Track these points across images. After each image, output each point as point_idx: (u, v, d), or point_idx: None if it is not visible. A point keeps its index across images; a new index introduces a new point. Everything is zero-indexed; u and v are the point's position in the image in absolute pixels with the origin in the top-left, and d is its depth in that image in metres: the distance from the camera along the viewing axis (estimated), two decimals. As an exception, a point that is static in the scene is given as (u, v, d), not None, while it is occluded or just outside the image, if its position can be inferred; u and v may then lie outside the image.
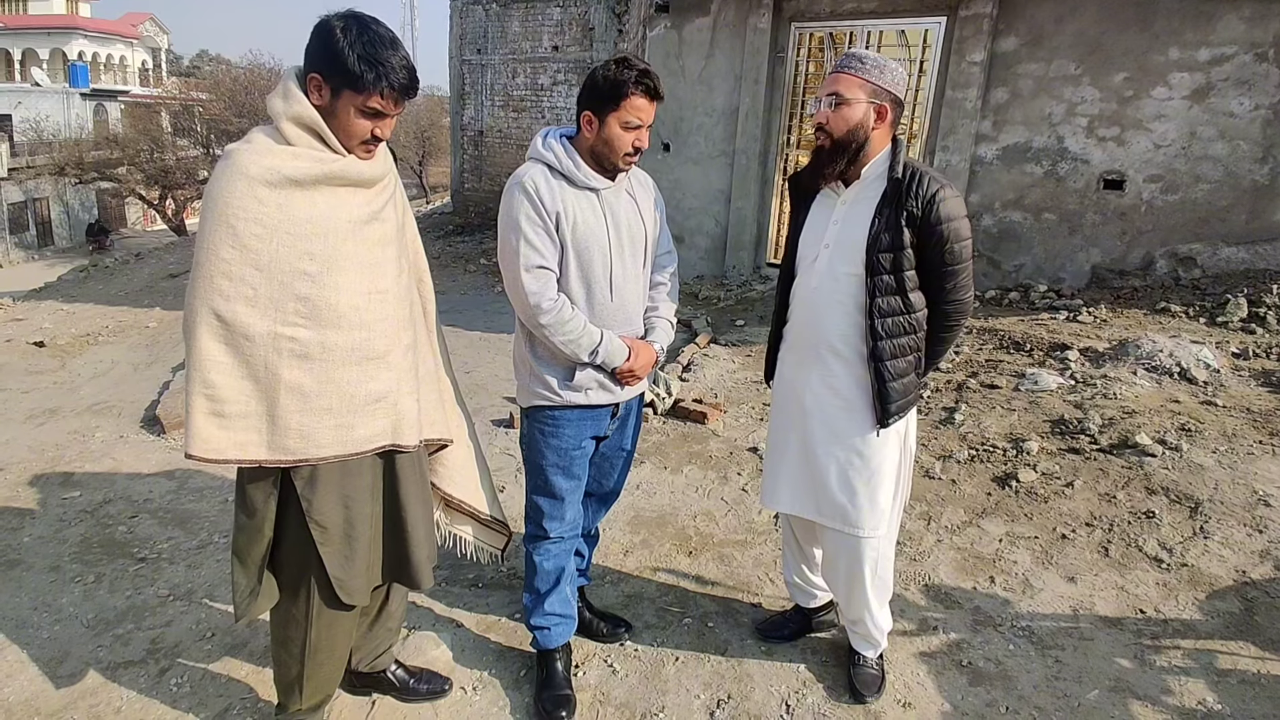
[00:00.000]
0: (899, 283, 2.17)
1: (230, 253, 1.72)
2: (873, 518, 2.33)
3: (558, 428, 2.34)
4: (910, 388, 2.27)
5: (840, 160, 2.19)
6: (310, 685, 2.11)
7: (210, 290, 1.73)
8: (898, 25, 7.16)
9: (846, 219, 2.23)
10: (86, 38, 39.71)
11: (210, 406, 1.75)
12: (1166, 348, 4.99)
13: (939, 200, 2.10)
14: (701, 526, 3.53)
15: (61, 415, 5.01)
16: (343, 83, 1.74)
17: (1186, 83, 6.10)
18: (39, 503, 3.73)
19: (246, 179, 1.71)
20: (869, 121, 2.14)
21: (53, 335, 7.42)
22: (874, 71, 2.13)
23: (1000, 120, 6.82)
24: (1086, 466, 3.86)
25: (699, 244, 8.62)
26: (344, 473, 1.92)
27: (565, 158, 2.20)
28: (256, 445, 1.80)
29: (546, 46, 15.04)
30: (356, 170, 1.84)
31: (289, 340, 1.78)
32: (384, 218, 1.93)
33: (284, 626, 2.07)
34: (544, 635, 2.49)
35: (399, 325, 1.97)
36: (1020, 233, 6.93)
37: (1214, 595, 2.96)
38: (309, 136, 1.78)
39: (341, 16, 1.74)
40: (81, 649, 2.68)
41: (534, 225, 2.16)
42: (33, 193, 29.85)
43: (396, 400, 1.95)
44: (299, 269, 1.77)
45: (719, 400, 4.91)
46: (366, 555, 2.01)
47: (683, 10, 8.15)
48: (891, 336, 2.19)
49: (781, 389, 2.50)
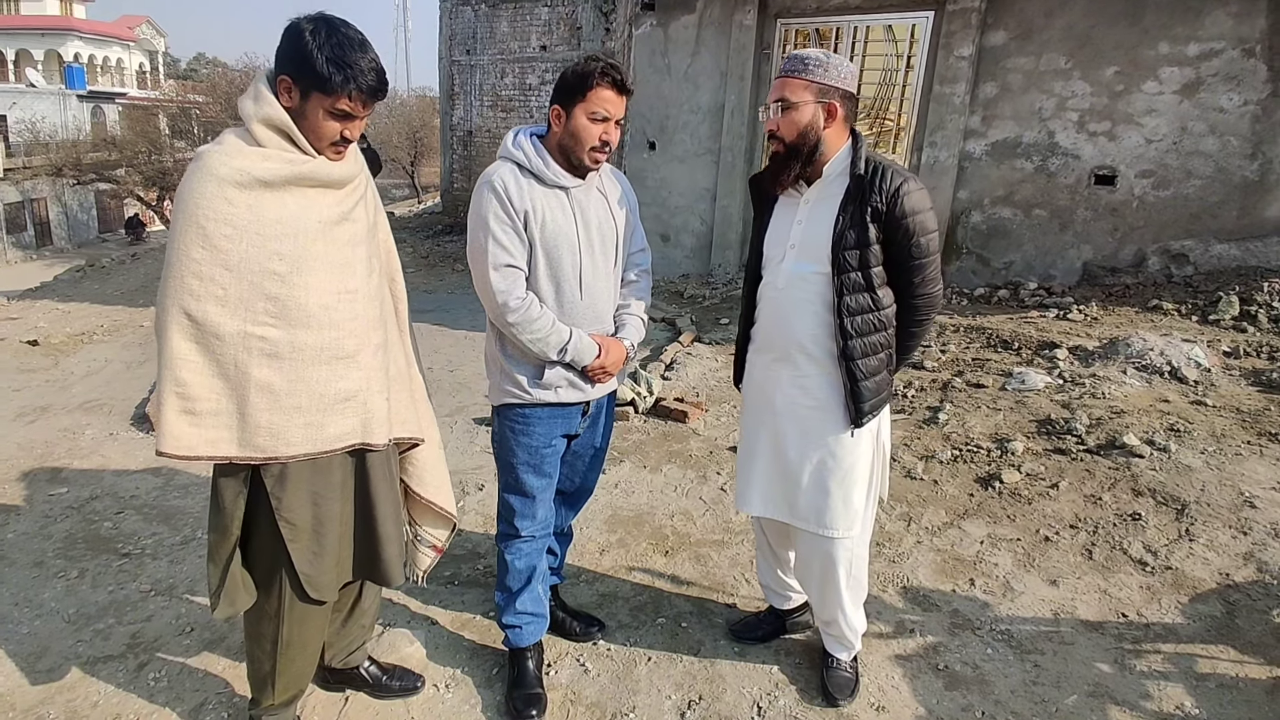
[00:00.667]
0: (866, 280, 2.14)
1: (200, 253, 1.74)
2: (846, 518, 2.30)
3: (528, 425, 2.34)
4: (883, 386, 2.25)
5: (796, 164, 2.18)
6: (282, 680, 2.13)
7: (181, 290, 1.75)
8: (884, 20, 7.13)
9: (810, 218, 2.22)
10: (82, 39, 39.70)
11: (181, 404, 1.78)
12: (1157, 346, 4.96)
13: (903, 194, 2.08)
14: (679, 526, 3.50)
15: (52, 413, 5.02)
16: (311, 85, 1.76)
17: (1176, 77, 6.07)
18: (26, 499, 3.73)
19: (217, 180, 1.73)
20: (819, 122, 2.13)
21: (47, 334, 7.44)
22: (818, 70, 2.11)
23: (989, 115, 6.80)
24: (1072, 467, 3.82)
25: (685, 242, 8.60)
26: (314, 470, 1.93)
27: (535, 156, 2.20)
28: (227, 442, 1.82)
29: (534, 46, 15.03)
30: (326, 171, 1.86)
31: (259, 339, 1.80)
32: (354, 218, 1.95)
33: (256, 622, 2.09)
34: (515, 634, 2.48)
35: (369, 325, 1.97)
36: (1010, 229, 6.90)
37: (1196, 598, 2.93)
38: (279, 138, 1.80)
39: (311, 19, 1.76)
40: (61, 644, 2.69)
41: (502, 224, 2.16)
42: (30, 193, 29.87)
43: (366, 399, 1.96)
44: (268, 269, 1.79)
45: (701, 399, 4.88)
46: (336, 552, 2.03)
47: (668, 8, 8.12)
48: (862, 335, 2.17)
49: (752, 391, 2.47)
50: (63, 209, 31.46)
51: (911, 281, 2.17)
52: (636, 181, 8.45)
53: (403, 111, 42.11)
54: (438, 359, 6.16)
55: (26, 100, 34.42)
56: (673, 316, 7.04)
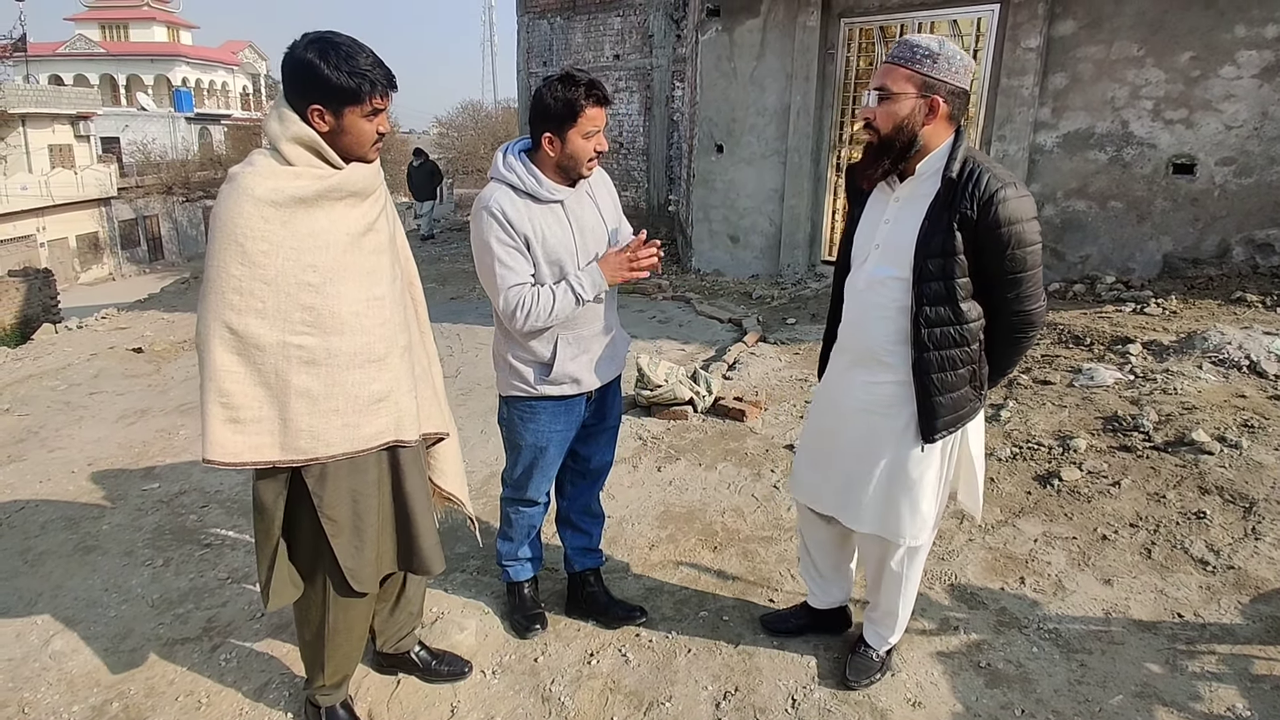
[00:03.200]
0: (949, 290, 2.01)
1: (240, 269, 1.84)
2: (914, 526, 2.25)
3: (534, 414, 2.52)
4: (962, 402, 2.12)
5: (886, 158, 2.04)
6: (330, 665, 2.27)
7: (222, 305, 1.85)
8: (949, 15, 7.01)
9: (898, 219, 2.09)
10: (189, 64, 42.09)
11: (226, 414, 1.87)
12: (1236, 340, 4.75)
13: (1000, 201, 1.92)
14: (729, 522, 3.55)
15: (151, 415, 5.32)
16: (343, 102, 1.87)
17: (1255, 61, 5.80)
18: (121, 494, 4.01)
19: (253, 200, 1.83)
20: (919, 117, 1.97)
21: (151, 342, 7.83)
22: (925, 62, 1.94)
23: (1060, 106, 6.61)
24: (1137, 465, 3.72)
25: (754, 243, 8.61)
26: (352, 469, 2.03)
27: (528, 176, 2.31)
28: (270, 447, 1.91)
29: (608, 55, 15.19)
30: (353, 181, 1.96)
31: (297, 348, 1.90)
32: (378, 228, 2.05)
33: (305, 611, 2.22)
34: (515, 570, 2.85)
35: (396, 329, 2.08)
36: (1085, 222, 6.69)
37: (1259, 599, 2.83)
38: (308, 154, 1.90)
39: (309, 47, 1.85)
40: (144, 626, 2.90)
41: (505, 246, 2.29)
42: (142, 211, 31.81)
43: (398, 399, 2.07)
44: (304, 281, 1.89)
45: (760, 398, 4.91)
46: (375, 545, 2.13)
47: (733, 12, 8.16)
48: (940, 348, 2.05)
49: (826, 389, 2.42)
50: (173, 225, 33.38)
51: (1006, 297, 2.03)
52: (704, 184, 8.52)
53: (488, 123, 43.09)
54: (478, 355, 6.29)
55: (138, 123, 36.74)
56: (739, 317, 7.08)
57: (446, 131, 46.29)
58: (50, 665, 2.69)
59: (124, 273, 30.33)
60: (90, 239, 30.10)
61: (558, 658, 2.69)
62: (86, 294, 24.21)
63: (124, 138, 35.70)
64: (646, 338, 6.72)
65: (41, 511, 3.80)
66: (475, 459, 4.29)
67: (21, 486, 4.09)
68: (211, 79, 44.21)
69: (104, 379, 6.18)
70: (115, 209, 30.71)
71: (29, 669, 2.67)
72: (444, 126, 47.27)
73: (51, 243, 27.65)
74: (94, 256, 30.30)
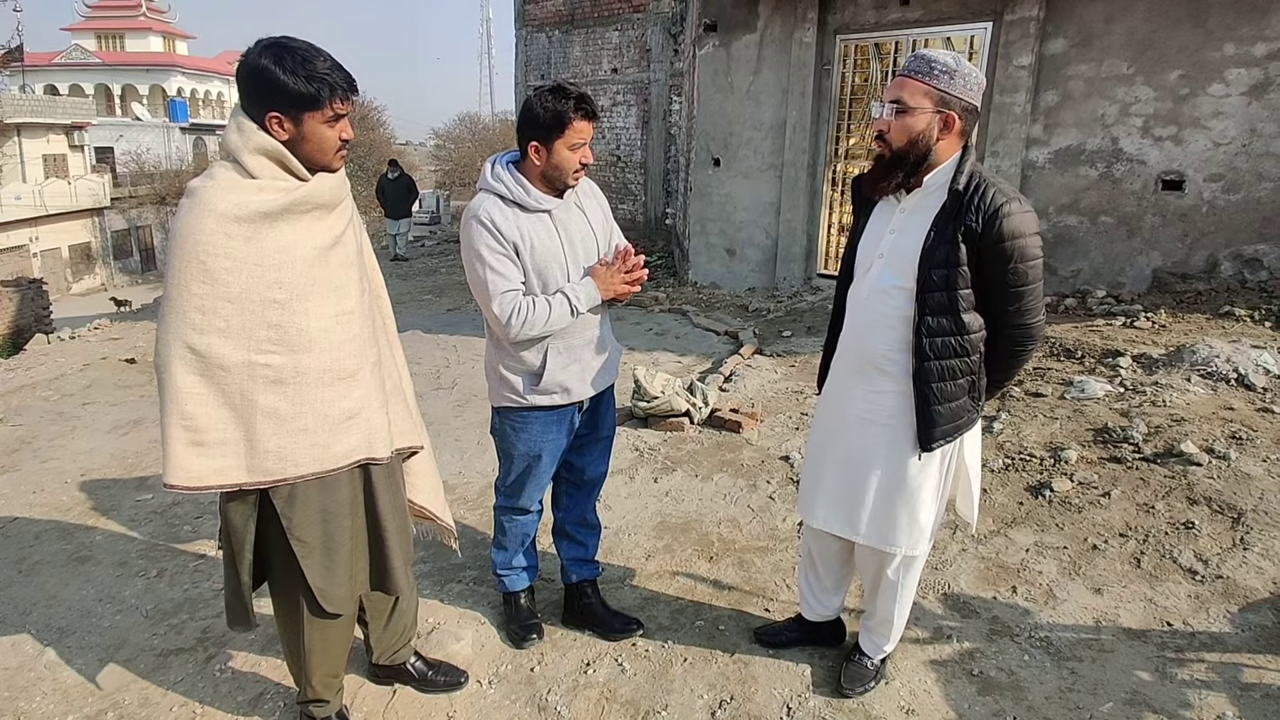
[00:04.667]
0: (951, 301, 2.04)
1: (201, 287, 1.77)
2: (911, 536, 2.28)
3: (526, 424, 2.55)
4: (960, 412, 2.15)
5: (899, 172, 2.08)
6: (314, 681, 2.27)
7: (183, 324, 1.78)
8: (942, 32, 7.10)
9: (904, 229, 2.12)
10: (185, 75, 42.15)
11: (189, 436, 1.81)
12: (1224, 353, 4.81)
13: (1003, 215, 1.95)
14: (725, 533, 3.58)
15: (144, 425, 5.28)
16: (301, 108, 1.81)
17: (1244, 79, 5.88)
18: (114, 505, 4.00)
19: (215, 215, 1.76)
20: (933, 132, 2.00)
21: (144, 352, 7.78)
22: (943, 78, 1.97)
23: (1051, 123, 6.69)
24: (1127, 476, 3.76)
25: (750, 256, 8.66)
26: (322, 489, 1.99)
27: (515, 186, 2.35)
28: (235, 469, 1.86)
29: (606, 69, 15.27)
30: (320, 192, 1.90)
31: (263, 367, 1.84)
32: (345, 241, 2.00)
33: (283, 630, 2.23)
34: (510, 580, 2.86)
35: (365, 343, 2.04)
36: (1076, 237, 6.76)
37: (1247, 608, 2.87)
38: (273, 165, 1.84)
39: (263, 53, 1.79)
40: (138, 637, 2.89)
41: (495, 254, 2.33)
42: (136, 221, 31.75)
43: (369, 416, 2.02)
44: (269, 298, 1.83)
45: (756, 410, 4.94)
46: (349, 565, 2.08)
47: (730, 28, 8.24)
48: (940, 358, 2.09)
49: (827, 400, 2.44)
50: (166, 235, 33.22)
51: (1007, 310, 2.06)
52: (701, 197, 8.58)
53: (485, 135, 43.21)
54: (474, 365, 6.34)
55: (132, 133, 36.73)
56: (736, 330, 7.11)
57: (443, 144, 46.44)
58: (45, 675, 2.68)
59: (116, 283, 30.24)
60: (83, 249, 30.02)
61: (554, 667, 2.70)
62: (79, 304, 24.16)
63: (118, 148, 35.69)
64: (643, 349, 6.75)
65: (35, 521, 3.79)
66: (472, 469, 4.30)
67: (15, 497, 4.08)
68: (207, 89, 44.28)
69: (97, 389, 6.17)
70: (109, 219, 30.67)
71: (24, 679, 2.66)
72: (441, 139, 47.44)
73: (44, 253, 27.57)
74: (86, 267, 30.23)
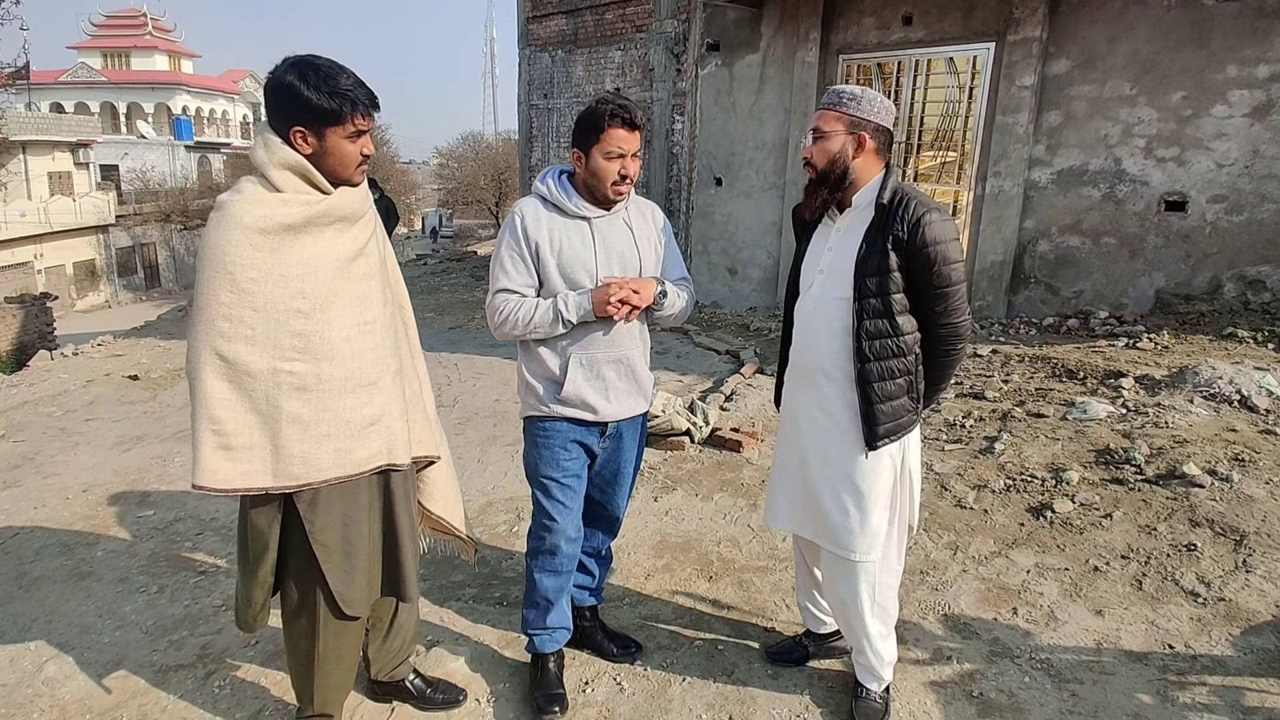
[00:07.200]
0: (886, 305, 2.21)
1: (229, 296, 1.85)
2: (864, 540, 2.34)
3: (548, 435, 2.50)
4: (901, 411, 2.29)
5: (823, 190, 2.28)
6: (320, 694, 2.25)
7: (212, 332, 1.86)
8: (946, 52, 7.14)
9: (839, 245, 2.31)
10: (190, 93, 42.47)
11: (217, 441, 1.88)
12: (1227, 374, 4.80)
13: (925, 223, 2.14)
14: (724, 552, 3.57)
15: (147, 442, 5.31)
16: (324, 123, 1.89)
17: (1247, 100, 5.91)
18: (116, 520, 4.01)
19: (241, 228, 1.84)
20: (849, 152, 2.23)
21: (147, 369, 7.82)
22: (851, 104, 2.22)
23: (1054, 144, 6.72)
24: (1129, 497, 3.75)
25: (752, 276, 8.68)
26: (344, 493, 2.04)
27: (556, 190, 2.40)
28: (261, 473, 1.92)
29: (609, 88, 15.36)
30: (342, 205, 1.97)
31: (288, 374, 1.91)
32: (368, 253, 2.07)
33: (295, 638, 2.21)
34: (540, 640, 2.64)
35: (387, 353, 2.09)
36: (1079, 258, 6.77)
37: (1249, 631, 2.85)
38: (297, 180, 1.91)
39: (289, 70, 1.87)
40: (138, 653, 2.89)
41: (511, 252, 2.38)
42: (140, 238, 31.93)
43: (389, 424, 2.08)
44: (293, 308, 1.90)
45: (756, 429, 4.94)
46: (367, 570, 2.14)
47: (733, 48, 8.31)
48: (879, 359, 2.23)
49: (784, 411, 2.58)
50: (170, 253, 33.48)
51: (935, 310, 2.23)
52: (703, 217, 8.61)
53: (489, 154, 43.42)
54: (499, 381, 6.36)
55: (137, 151, 36.97)
56: (737, 349, 7.13)
57: (447, 162, 46.69)
58: (43, 691, 2.67)
59: (120, 300, 30.37)
60: (87, 266, 30.18)
61: (552, 686, 2.68)
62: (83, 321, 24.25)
63: (123, 165, 35.92)
64: (643, 368, 6.73)
65: (36, 537, 3.79)
66: (472, 487, 4.30)
67: (16, 512, 4.08)
68: (212, 107, 44.62)
69: (100, 405, 6.19)
70: (113, 236, 30.85)
71: (22, 694, 2.66)
72: (444, 157, 47.68)
73: (48, 269, 27.71)
74: (91, 284, 30.37)
